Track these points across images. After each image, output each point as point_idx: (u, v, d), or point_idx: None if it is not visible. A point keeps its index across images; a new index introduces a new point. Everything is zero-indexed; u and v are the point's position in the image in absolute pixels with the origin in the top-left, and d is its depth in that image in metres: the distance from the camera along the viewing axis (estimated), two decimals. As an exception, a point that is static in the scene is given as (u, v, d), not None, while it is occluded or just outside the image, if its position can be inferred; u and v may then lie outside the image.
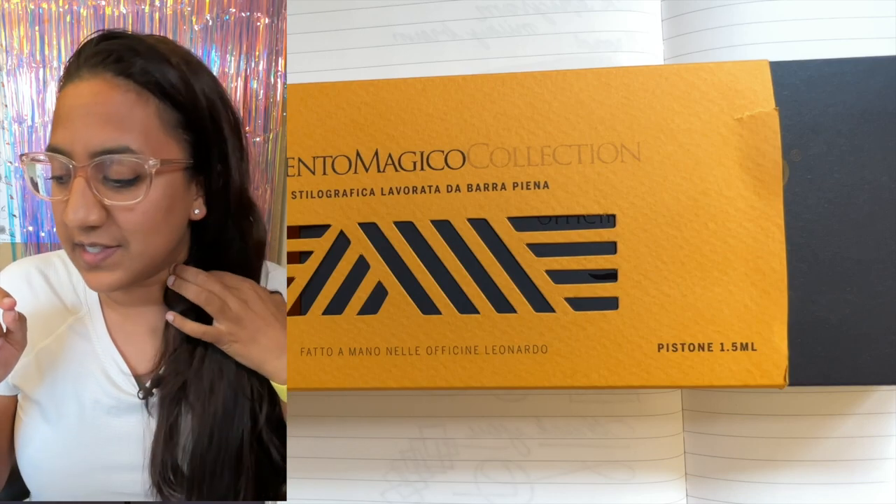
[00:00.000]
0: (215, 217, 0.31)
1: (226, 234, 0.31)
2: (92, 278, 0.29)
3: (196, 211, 0.30)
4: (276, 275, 0.34)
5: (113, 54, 0.28)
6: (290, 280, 0.33)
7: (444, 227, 0.32)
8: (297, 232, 0.33)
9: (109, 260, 0.28)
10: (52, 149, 0.28)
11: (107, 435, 0.31)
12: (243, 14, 0.45)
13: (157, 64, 0.28)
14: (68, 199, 0.27)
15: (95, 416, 0.31)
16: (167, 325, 0.31)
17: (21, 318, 0.28)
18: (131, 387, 0.31)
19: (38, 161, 0.29)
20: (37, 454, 0.31)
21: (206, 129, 0.30)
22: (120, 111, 0.27)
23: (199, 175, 0.30)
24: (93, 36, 0.29)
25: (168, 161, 0.28)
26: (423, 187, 0.33)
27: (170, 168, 0.28)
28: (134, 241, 0.28)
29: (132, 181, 0.28)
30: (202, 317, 0.30)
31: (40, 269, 0.33)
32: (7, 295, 0.28)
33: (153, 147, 0.28)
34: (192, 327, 0.30)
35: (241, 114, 0.45)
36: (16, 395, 0.33)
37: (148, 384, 0.31)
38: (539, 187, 0.32)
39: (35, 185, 0.31)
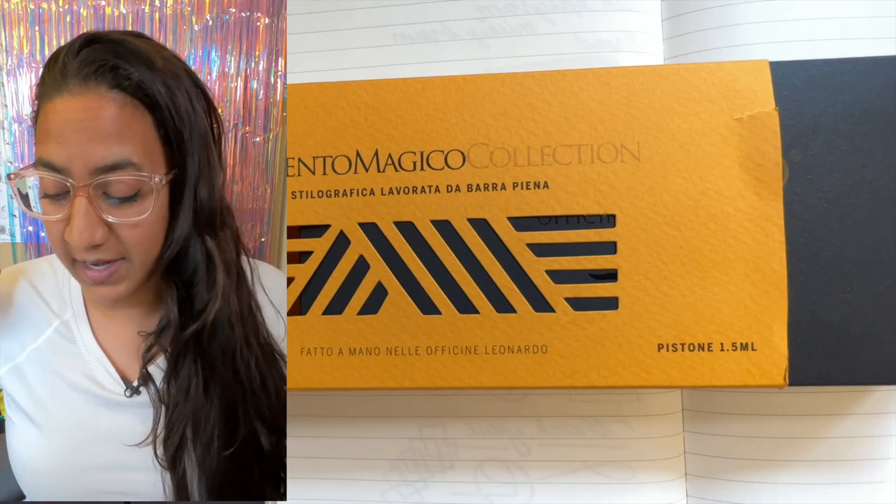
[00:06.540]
0: (181, 228, 0.29)
1: (191, 247, 0.30)
2: (97, 292, 0.29)
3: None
4: (265, 272, 0.34)
5: (104, 65, 0.27)
6: (290, 280, 0.33)
7: (444, 227, 0.32)
8: (297, 232, 0.33)
9: (115, 275, 0.28)
10: (45, 164, 0.27)
11: (95, 435, 0.31)
12: (243, 14, 0.45)
13: (150, 75, 0.27)
14: (69, 219, 0.27)
15: (83, 416, 0.31)
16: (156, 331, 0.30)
17: None
18: (118, 386, 0.31)
19: (27, 176, 0.28)
20: (27, 457, 0.31)
21: (183, 141, 0.29)
22: (118, 126, 0.27)
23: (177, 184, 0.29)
24: (73, 42, 0.28)
25: (166, 174, 0.28)
26: (423, 187, 0.33)
27: (167, 181, 0.28)
28: (136, 254, 0.28)
29: (133, 196, 0.27)
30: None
31: (27, 275, 0.33)
32: None
33: (151, 160, 0.28)
34: None
35: (242, 114, 0.46)
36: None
37: (135, 383, 0.31)
38: (539, 187, 0.32)
39: (26, 199, 0.29)
